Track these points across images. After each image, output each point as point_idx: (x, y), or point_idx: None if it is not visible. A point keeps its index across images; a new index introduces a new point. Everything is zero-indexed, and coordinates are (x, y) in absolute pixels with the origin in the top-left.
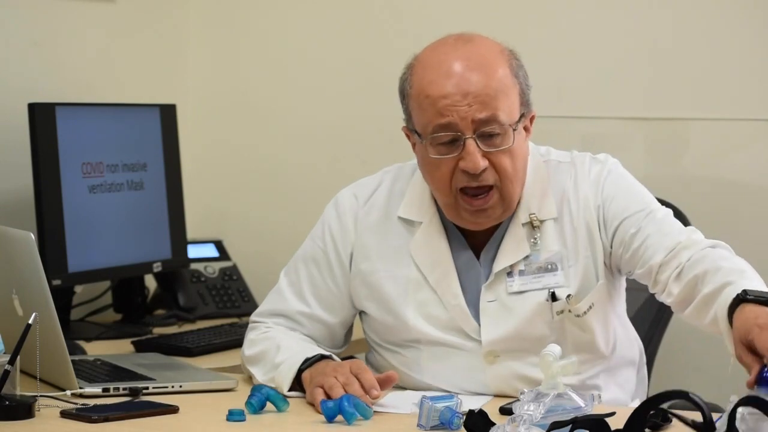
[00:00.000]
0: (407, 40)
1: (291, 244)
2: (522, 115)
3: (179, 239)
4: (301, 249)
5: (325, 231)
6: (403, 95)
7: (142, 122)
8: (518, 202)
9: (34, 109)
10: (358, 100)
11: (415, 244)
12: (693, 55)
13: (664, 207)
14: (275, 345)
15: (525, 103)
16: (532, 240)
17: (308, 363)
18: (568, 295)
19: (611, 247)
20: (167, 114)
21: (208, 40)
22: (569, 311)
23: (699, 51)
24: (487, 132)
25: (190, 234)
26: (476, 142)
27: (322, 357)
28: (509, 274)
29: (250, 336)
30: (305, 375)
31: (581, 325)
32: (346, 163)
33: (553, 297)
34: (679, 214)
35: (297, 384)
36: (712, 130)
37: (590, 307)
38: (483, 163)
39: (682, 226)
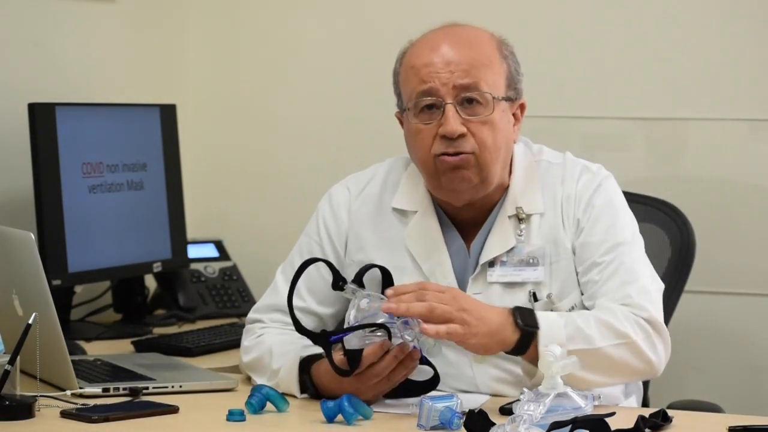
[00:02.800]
0: (405, 41)
1: (291, 245)
2: (509, 98)
3: (179, 239)
4: (296, 245)
5: (320, 224)
6: (396, 77)
7: (142, 122)
8: (506, 195)
9: (34, 109)
10: (358, 101)
11: (409, 233)
12: (692, 55)
13: (639, 240)
14: (268, 350)
15: (513, 87)
16: (518, 232)
17: (307, 360)
18: (548, 294)
19: (574, 254)
20: (167, 114)
21: (208, 40)
22: (552, 311)
23: (698, 51)
24: (468, 98)
25: (190, 234)
26: (456, 109)
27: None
28: (491, 264)
29: (245, 343)
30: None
31: None
32: (345, 164)
33: (535, 298)
34: (678, 214)
35: (304, 381)
36: (711, 130)
37: (572, 308)
38: (461, 128)
39: (648, 276)
